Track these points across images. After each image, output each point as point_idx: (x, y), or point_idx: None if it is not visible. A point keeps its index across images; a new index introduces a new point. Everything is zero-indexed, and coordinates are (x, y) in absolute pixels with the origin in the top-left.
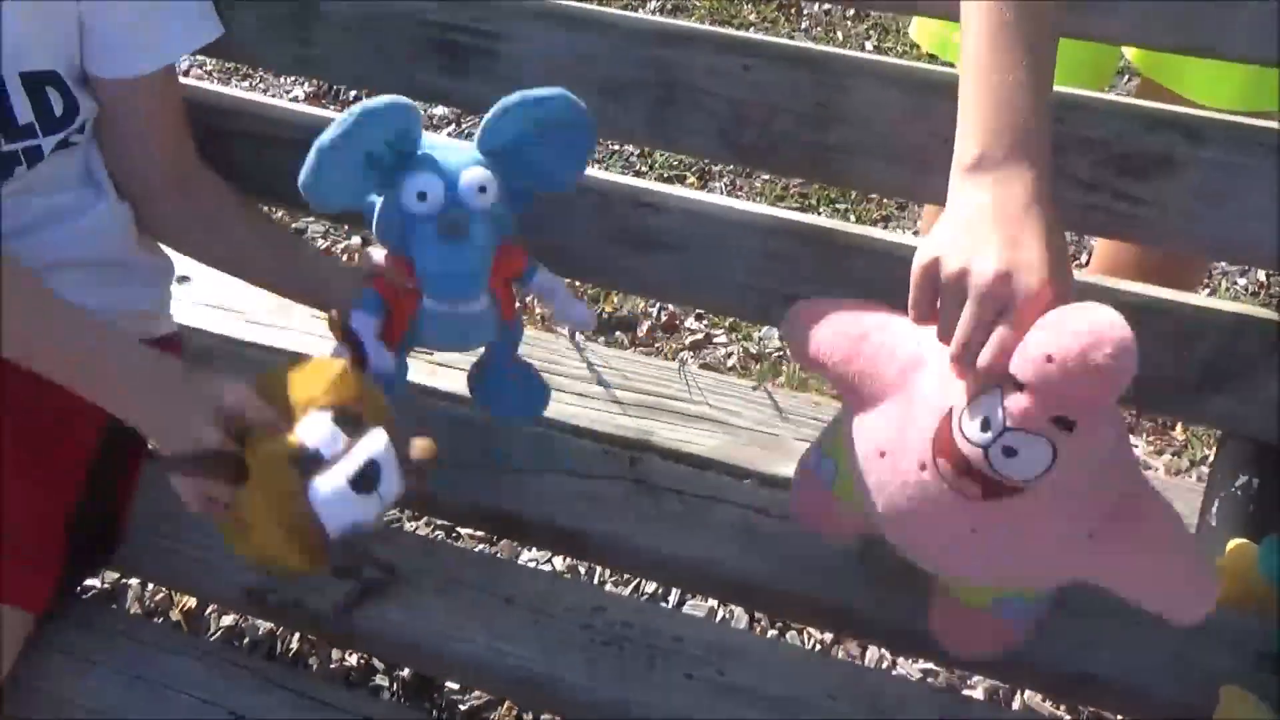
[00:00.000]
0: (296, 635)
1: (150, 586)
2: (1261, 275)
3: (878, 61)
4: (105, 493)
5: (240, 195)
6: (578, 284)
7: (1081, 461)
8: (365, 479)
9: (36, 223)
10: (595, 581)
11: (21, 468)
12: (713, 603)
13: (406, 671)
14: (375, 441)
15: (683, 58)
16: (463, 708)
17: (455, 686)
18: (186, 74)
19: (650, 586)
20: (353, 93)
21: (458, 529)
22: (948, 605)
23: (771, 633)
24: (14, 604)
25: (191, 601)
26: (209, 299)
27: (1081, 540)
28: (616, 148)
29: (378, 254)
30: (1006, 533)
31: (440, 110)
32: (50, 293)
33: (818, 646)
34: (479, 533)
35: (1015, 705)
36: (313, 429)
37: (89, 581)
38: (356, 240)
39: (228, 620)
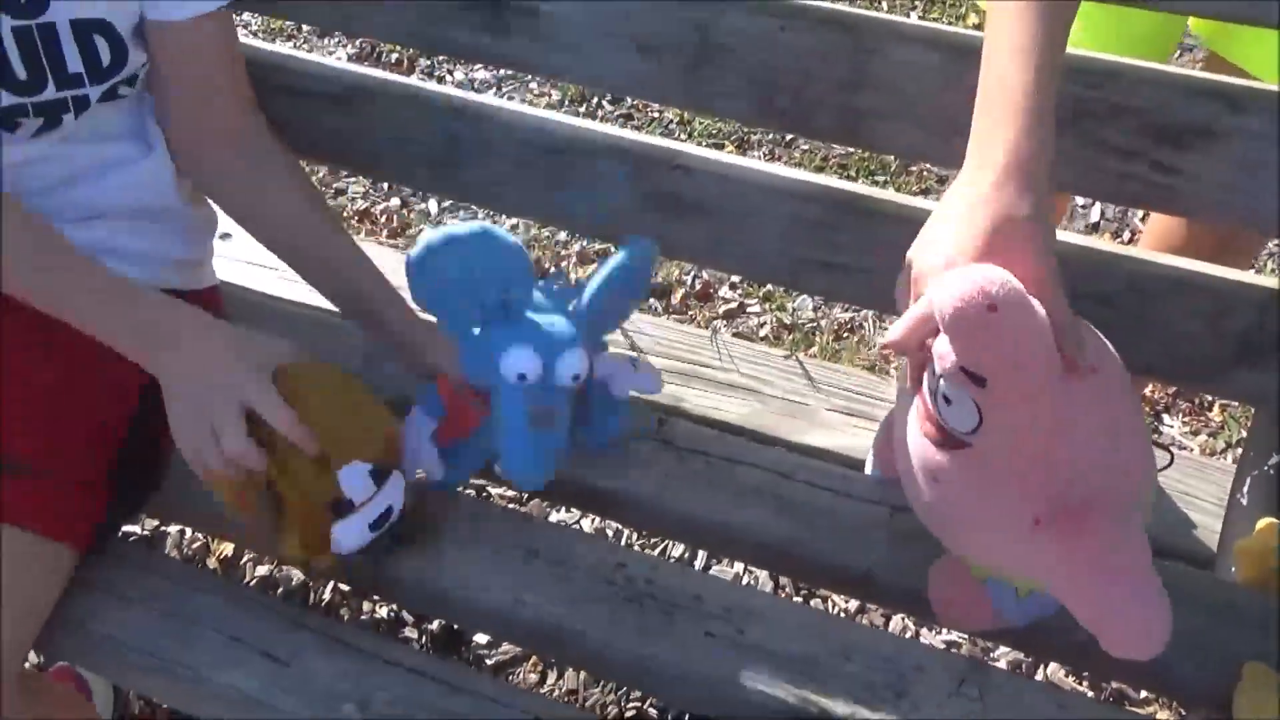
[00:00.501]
0: (329, 586)
1: (188, 534)
2: None
3: (912, 25)
4: (147, 437)
5: (305, 179)
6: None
7: (1008, 427)
8: (381, 520)
9: (84, 173)
10: (623, 544)
11: (69, 411)
12: (738, 567)
13: (435, 625)
14: (396, 489)
15: (718, 17)
16: (489, 662)
17: (483, 640)
18: None
19: (677, 550)
20: (394, 55)
21: (488, 488)
22: (950, 569)
23: (796, 599)
24: (60, 539)
25: (228, 549)
26: (248, 256)
27: (1024, 525)
28: (655, 115)
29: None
30: (957, 489)
31: (481, 74)
32: (74, 251)
33: (841, 614)
34: (509, 492)
35: (1038, 677)
36: (353, 479)
37: (129, 528)
38: (395, 202)
39: (263, 570)
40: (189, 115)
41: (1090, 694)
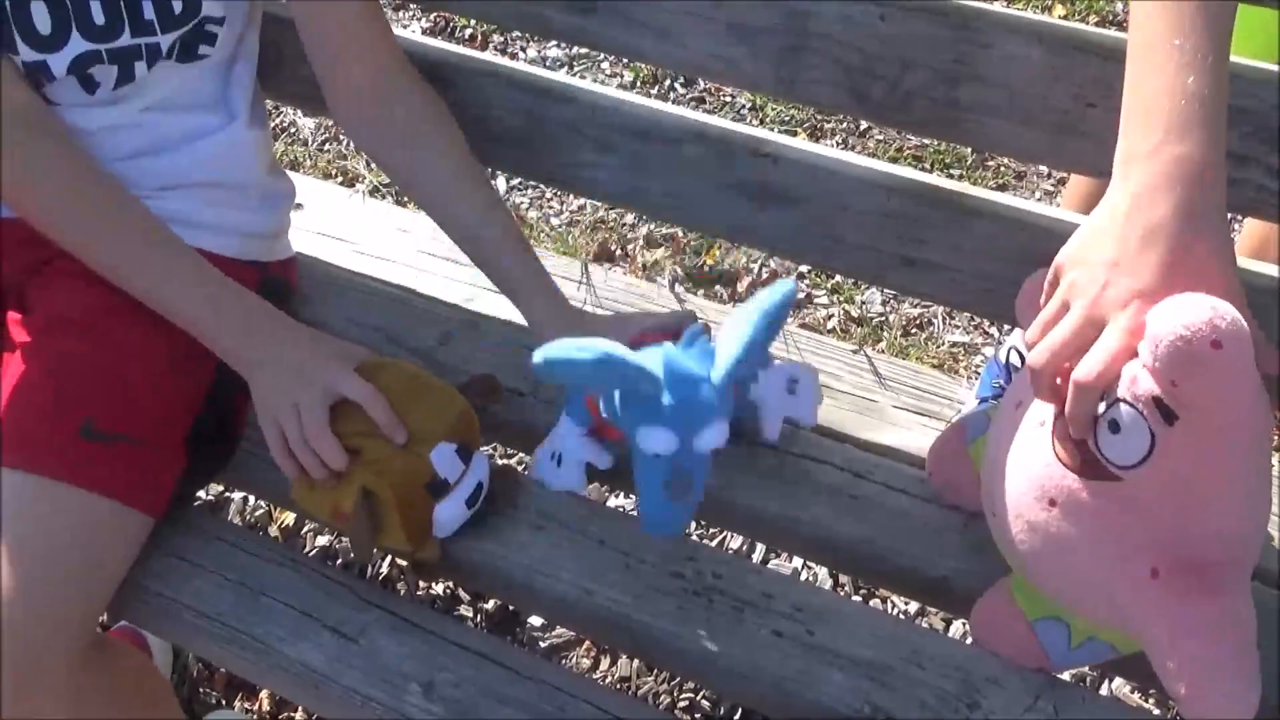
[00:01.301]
0: (387, 560)
1: (251, 502)
2: None
3: (1019, 17)
4: (224, 406)
5: (463, 148)
6: (681, 235)
7: (1175, 470)
8: (474, 497)
9: (164, 143)
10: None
11: (154, 378)
12: (797, 562)
13: (491, 604)
14: (482, 467)
15: (816, 4)
16: (543, 645)
17: (537, 623)
18: None
19: (735, 541)
20: (467, 31)
21: None
22: (996, 600)
23: (855, 598)
24: (136, 507)
25: (290, 519)
26: (321, 227)
27: (1140, 572)
28: (729, 99)
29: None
30: (1077, 520)
31: (554, 53)
32: (175, 238)
33: (901, 615)
34: None
35: (1103, 691)
36: (443, 460)
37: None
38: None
39: (323, 540)
40: (335, 60)
41: (1157, 712)
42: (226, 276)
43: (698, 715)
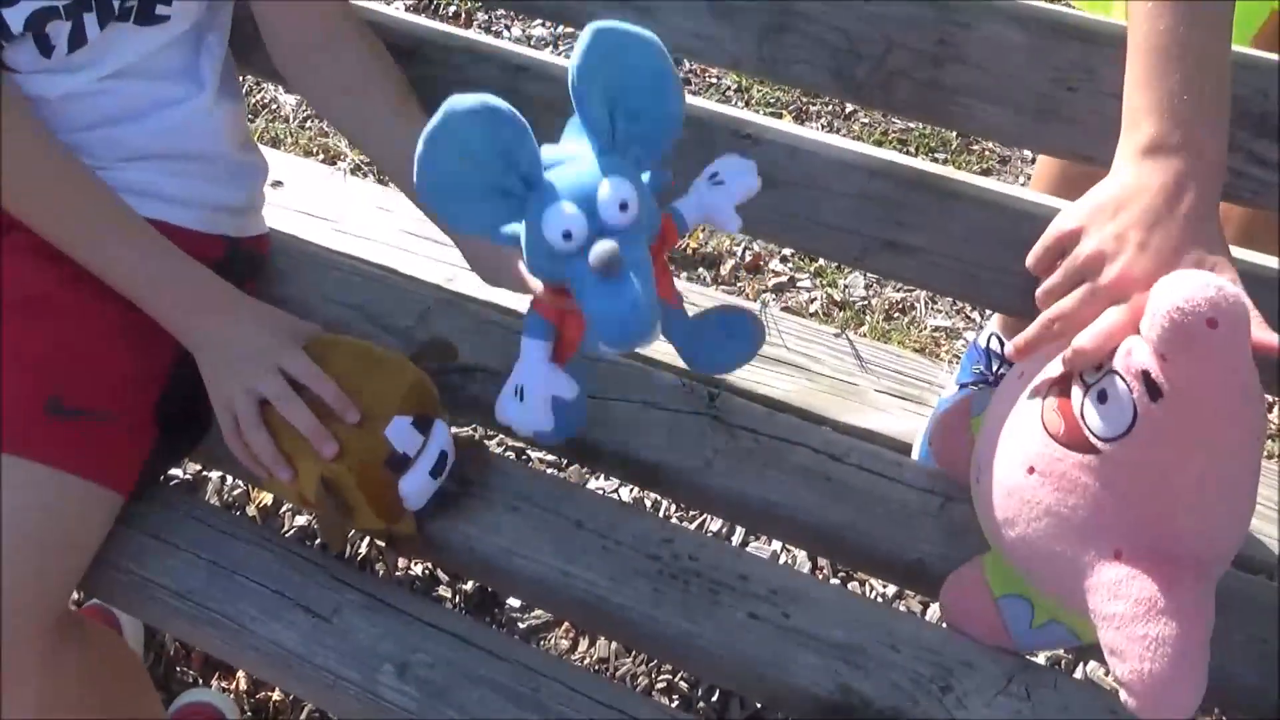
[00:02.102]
0: (366, 540)
1: (229, 481)
2: None
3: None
4: (193, 381)
5: (406, 84)
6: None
7: (1149, 459)
8: (439, 467)
9: (128, 112)
10: (661, 514)
11: (115, 352)
12: (776, 545)
13: (470, 585)
14: (442, 434)
15: None
16: (522, 625)
17: (516, 604)
18: None
19: (714, 524)
20: (451, 8)
21: (528, 451)
22: (968, 582)
23: (834, 581)
24: (105, 484)
25: (268, 498)
26: (301, 205)
27: (1104, 549)
28: (714, 80)
29: (534, 282)
30: (1052, 489)
31: (538, 30)
32: (126, 210)
33: (879, 598)
34: (549, 456)
35: (1077, 674)
36: (399, 435)
37: (172, 472)
38: None
39: (301, 520)
40: (282, 18)
41: None
42: (181, 250)
43: (676, 696)
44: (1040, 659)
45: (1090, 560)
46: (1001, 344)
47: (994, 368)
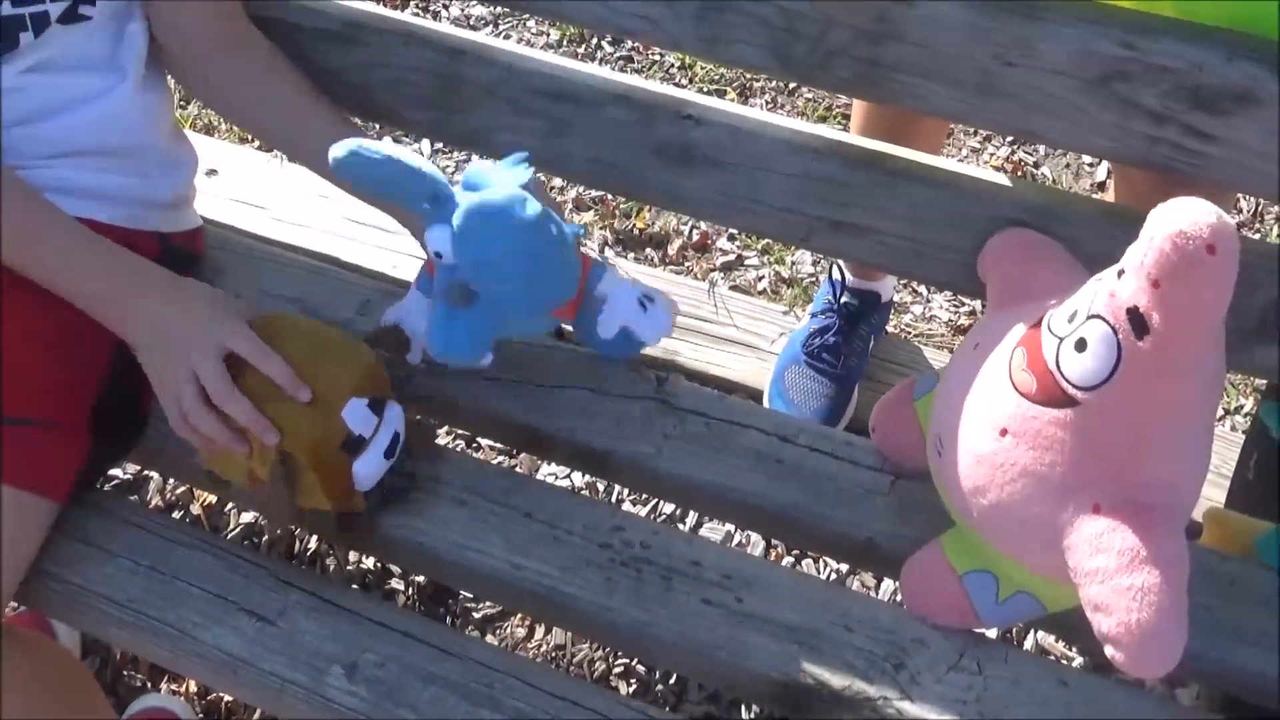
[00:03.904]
0: (314, 537)
1: (171, 480)
2: None
3: None
4: (129, 384)
5: (299, 73)
6: (610, 198)
7: (1129, 406)
8: (392, 448)
9: (55, 106)
10: (613, 500)
11: (48, 358)
12: (729, 527)
13: (422, 578)
14: (396, 416)
15: None
16: (476, 616)
17: (470, 595)
18: None
19: (668, 507)
20: None
21: (478, 439)
22: (929, 563)
23: (787, 560)
24: (38, 493)
25: (212, 498)
26: (235, 194)
27: (1083, 504)
28: (658, 57)
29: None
30: (1028, 449)
31: (478, 10)
32: (48, 206)
33: (834, 576)
34: (499, 444)
35: (1027, 644)
36: (356, 417)
37: (111, 472)
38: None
39: (246, 517)
40: (180, 21)
41: (1081, 660)
42: (109, 241)
43: (633, 681)
44: (991, 633)
45: (1069, 517)
46: (844, 274)
47: (839, 296)
